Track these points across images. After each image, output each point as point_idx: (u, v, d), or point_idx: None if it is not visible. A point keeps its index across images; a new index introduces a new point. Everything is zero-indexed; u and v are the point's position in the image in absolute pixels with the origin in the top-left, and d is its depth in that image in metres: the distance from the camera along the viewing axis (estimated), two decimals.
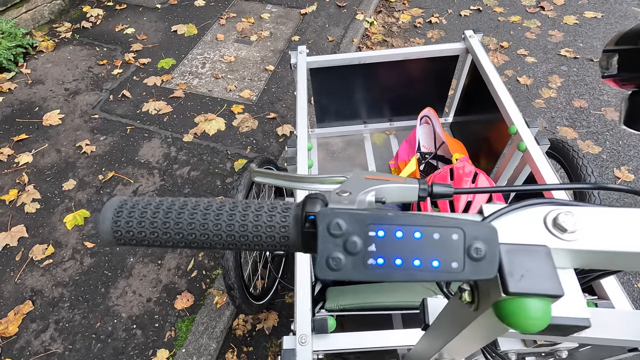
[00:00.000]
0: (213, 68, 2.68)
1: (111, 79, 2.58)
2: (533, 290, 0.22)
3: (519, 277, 0.23)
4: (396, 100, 1.75)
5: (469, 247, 0.23)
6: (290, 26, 3.03)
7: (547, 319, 0.23)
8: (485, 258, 0.23)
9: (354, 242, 0.23)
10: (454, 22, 3.07)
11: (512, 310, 0.23)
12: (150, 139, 2.23)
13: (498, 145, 1.35)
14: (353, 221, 0.24)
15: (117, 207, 0.29)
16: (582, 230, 0.25)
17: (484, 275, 0.23)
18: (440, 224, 0.23)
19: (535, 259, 0.23)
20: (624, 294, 0.80)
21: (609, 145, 2.12)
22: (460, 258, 0.23)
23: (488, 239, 0.23)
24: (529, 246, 0.24)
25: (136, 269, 1.72)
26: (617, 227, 0.25)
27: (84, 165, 2.11)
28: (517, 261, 0.23)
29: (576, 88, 2.45)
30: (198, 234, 0.28)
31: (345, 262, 0.24)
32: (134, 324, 1.57)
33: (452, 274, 0.23)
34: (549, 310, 0.23)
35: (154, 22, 3.02)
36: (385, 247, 0.23)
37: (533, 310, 0.22)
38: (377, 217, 0.24)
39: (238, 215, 0.28)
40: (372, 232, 0.24)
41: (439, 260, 0.23)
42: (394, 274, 0.24)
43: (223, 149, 2.18)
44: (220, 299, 1.61)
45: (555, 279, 0.22)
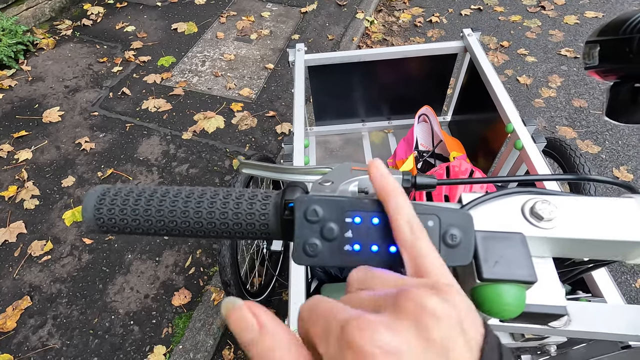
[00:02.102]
0: (213, 66, 2.68)
1: (111, 77, 2.59)
2: (507, 276, 0.22)
3: (494, 263, 0.23)
4: (394, 98, 1.75)
5: (444, 234, 0.23)
6: (291, 25, 3.03)
7: (522, 305, 0.23)
8: (461, 245, 0.23)
9: (331, 228, 0.24)
10: (455, 21, 3.07)
11: (487, 296, 0.23)
12: (150, 136, 2.24)
13: (495, 143, 1.35)
14: (330, 207, 0.24)
15: (99, 195, 0.29)
16: (559, 218, 0.25)
17: (459, 262, 0.23)
18: (416, 211, 0.23)
19: (510, 246, 0.23)
20: (618, 292, 0.80)
21: (608, 145, 2.12)
22: (436, 244, 0.23)
23: (463, 226, 0.23)
24: (504, 233, 0.24)
25: (134, 265, 1.73)
26: (594, 215, 0.25)
27: (83, 162, 2.12)
28: (492, 248, 0.23)
29: (576, 88, 2.44)
30: (179, 221, 0.28)
31: (322, 248, 0.24)
32: (132, 320, 1.58)
33: None
34: (523, 297, 0.23)
35: (154, 20, 3.03)
36: (362, 234, 0.24)
37: (507, 296, 0.22)
38: (354, 203, 0.24)
39: (219, 203, 0.28)
40: (349, 218, 0.24)
41: None
42: (370, 260, 0.24)
43: (222, 146, 2.19)
44: (217, 295, 1.61)
45: (530, 265, 0.22)
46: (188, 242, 1.80)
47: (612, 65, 0.28)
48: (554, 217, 0.24)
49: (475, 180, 0.35)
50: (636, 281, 1.65)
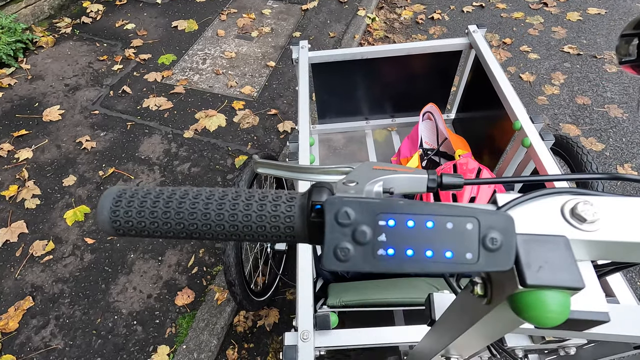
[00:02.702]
0: (214, 64, 2.67)
1: (111, 75, 2.57)
2: (552, 283, 0.21)
3: (537, 268, 0.22)
4: (398, 96, 1.73)
5: (484, 237, 0.22)
6: (292, 22, 3.01)
7: (566, 313, 0.22)
8: (502, 249, 0.22)
9: (363, 231, 0.22)
10: (456, 18, 3.05)
11: (530, 303, 0.22)
12: (151, 135, 2.22)
13: (501, 141, 1.34)
14: (362, 210, 0.23)
15: (115, 197, 0.28)
16: (602, 220, 0.24)
17: (500, 267, 0.22)
18: (453, 213, 0.22)
19: (553, 250, 0.22)
20: (630, 291, 0.79)
21: (612, 142, 2.11)
22: (475, 249, 0.22)
23: (504, 229, 0.22)
24: (547, 236, 0.23)
25: (136, 265, 1.72)
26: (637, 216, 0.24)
27: (84, 161, 2.10)
28: (534, 252, 0.22)
29: (579, 85, 2.43)
30: (200, 224, 0.27)
31: (354, 253, 0.23)
32: (135, 320, 1.57)
33: (466, 265, 0.22)
34: (568, 304, 0.22)
35: (155, 18, 3.00)
36: (396, 237, 0.22)
37: (552, 304, 0.21)
38: (387, 205, 0.23)
39: (241, 204, 0.27)
40: (382, 221, 0.23)
41: (452, 251, 0.22)
42: (405, 265, 0.22)
43: (224, 145, 2.17)
44: (221, 295, 1.60)
45: (576, 270, 0.21)
46: (191, 242, 1.79)
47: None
48: (598, 219, 0.23)
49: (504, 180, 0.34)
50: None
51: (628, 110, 2.26)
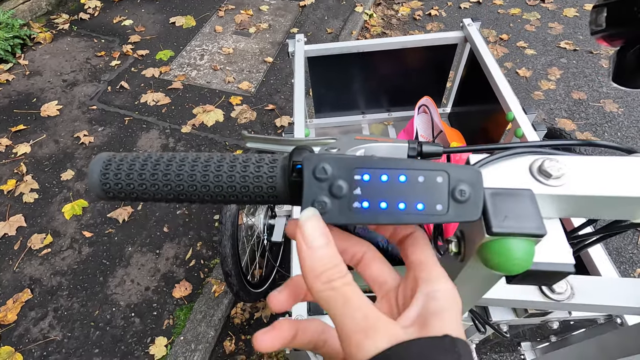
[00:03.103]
0: (211, 60, 2.67)
1: (109, 71, 2.57)
2: (516, 230, 0.22)
3: (503, 217, 0.23)
4: (394, 90, 1.74)
5: (453, 190, 0.23)
6: (289, 18, 3.02)
7: (530, 259, 0.23)
8: (470, 200, 0.23)
9: (340, 185, 0.24)
10: (454, 14, 3.06)
11: (496, 250, 0.23)
12: (149, 130, 2.23)
13: (495, 133, 1.35)
14: (339, 165, 0.24)
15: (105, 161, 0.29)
16: (568, 176, 0.25)
17: (469, 217, 0.23)
18: (425, 168, 0.23)
19: (519, 202, 0.23)
20: (613, 265, 0.80)
21: (607, 136, 2.12)
22: (445, 200, 0.23)
23: (472, 182, 0.23)
24: (513, 189, 0.24)
25: (134, 258, 1.73)
26: (603, 173, 0.25)
27: (82, 155, 2.11)
28: (501, 204, 0.23)
29: (575, 80, 2.44)
30: (186, 185, 0.28)
31: (331, 206, 0.24)
32: (133, 312, 1.58)
33: (437, 216, 0.23)
34: (532, 251, 0.23)
35: (152, 14, 3.01)
36: (371, 191, 0.23)
37: (516, 250, 0.23)
38: (362, 161, 0.24)
39: (226, 166, 0.28)
40: (358, 175, 0.24)
41: (424, 203, 0.23)
42: (379, 217, 0.24)
43: (221, 140, 2.18)
44: (218, 287, 1.62)
45: (539, 219, 0.22)
46: (188, 235, 1.80)
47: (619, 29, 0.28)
48: (563, 175, 0.24)
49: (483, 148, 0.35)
50: (635, 270, 1.66)
51: (623, 105, 2.27)
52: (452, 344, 0.20)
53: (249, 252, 1.55)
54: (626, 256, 1.70)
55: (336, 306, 0.21)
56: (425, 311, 0.22)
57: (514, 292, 0.42)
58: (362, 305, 0.21)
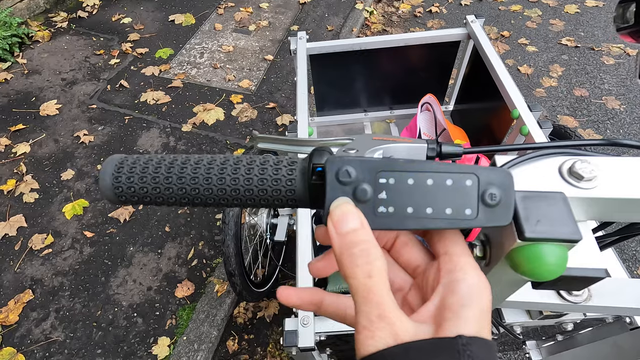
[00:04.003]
0: (211, 58, 2.65)
1: (108, 69, 2.55)
2: (550, 235, 0.21)
3: (535, 222, 0.22)
4: (397, 87, 1.73)
5: (483, 193, 0.22)
6: (289, 16, 3.00)
7: (564, 265, 0.22)
8: (500, 204, 0.22)
9: (364, 189, 0.23)
10: (455, 11, 3.05)
11: (528, 256, 0.22)
12: (149, 128, 2.21)
13: (500, 130, 1.34)
14: (363, 168, 0.23)
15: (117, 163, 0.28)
16: (599, 178, 0.24)
17: (499, 222, 0.22)
18: (453, 170, 0.22)
19: (551, 206, 0.22)
20: (623, 268, 0.80)
21: (609, 133, 2.12)
22: (474, 204, 0.22)
23: (503, 184, 0.22)
24: (545, 193, 0.23)
25: (136, 258, 1.72)
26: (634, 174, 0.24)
27: (82, 155, 2.09)
28: (532, 207, 0.22)
29: (577, 77, 2.43)
30: (202, 188, 0.27)
31: None
32: (135, 312, 1.57)
33: (466, 220, 0.22)
34: (565, 256, 0.22)
35: (151, 12, 2.99)
36: (396, 195, 0.23)
37: (549, 256, 0.22)
38: (387, 164, 0.23)
39: (243, 169, 0.27)
40: (383, 179, 0.23)
41: (452, 208, 0.22)
42: (406, 222, 0.23)
43: (222, 138, 2.17)
44: (220, 287, 1.61)
45: (573, 223, 0.22)
46: (190, 235, 1.79)
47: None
48: (595, 177, 0.24)
49: (506, 148, 0.35)
50: (638, 268, 1.66)
51: (625, 102, 2.26)
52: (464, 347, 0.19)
53: (251, 252, 1.54)
54: (629, 253, 1.70)
55: (357, 298, 0.21)
56: (443, 306, 0.21)
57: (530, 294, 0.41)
58: (380, 301, 0.20)
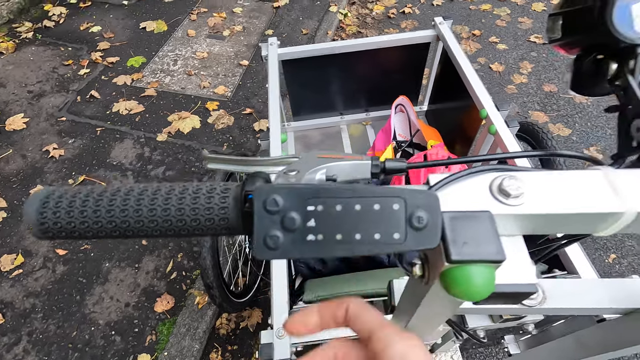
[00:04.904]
0: (185, 65, 2.61)
1: (78, 80, 2.48)
2: (475, 257, 0.21)
3: (462, 244, 0.22)
4: (371, 90, 1.75)
5: (410, 217, 0.22)
6: (264, 20, 2.98)
7: (491, 286, 0.22)
8: (427, 227, 0.22)
9: (292, 218, 0.22)
10: (427, 11, 3.10)
11: (456, 278, 0.22)
12: (122, 139, 2.16)
13: (471, 130, 1.37)
14: (291, 196, 0.23)
15: (42, 199, 0.27)
16: (527, 194, 0.24)
17: (427, 245, 0.22)
18: (380, 194, 0.22)
19: (478, 226, 0.22)
20: (592, 267, 0.82)
21: (578, 127, 2.19)
22: (402, 228, 0.22)
23: (430, 207, 0.22)
24: (472, 212, 0.23)
25: (112, 273, 1.67)
26: (561, 189, 0.24)
27: (53, 170, 2.02)
28: (460, 228, 0.22)
29: (546, 73, 2.51)
30: (132, 221, 0.26)
31: (284, 240, 0.22)
32: (113, 330, 1.53)
33: (394, 245, 0.22)
34: (492, 277, 0.22)
35: (121, 19, 2.92)
36: (325, 222, 0.22)
37: (476, 277, 0.22)
38: (316, 190, 0.23)
39: (174, 199, 0.26)
40: (311, 206, 0.22)
41: (380, 232, 0.22)
42: (335, 249, 0.22)
43: (199, 146, 2.14)
44: (201, 299, 1.58)
45: (497, 243, 0.22)
46: (168, 247, 1.75)
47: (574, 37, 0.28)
48: (522, 193, 0.24)
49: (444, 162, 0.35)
50: (609, 256, 1.72)
51: None
52: None
53: (231, 261, 1.52)
54: (600, 243, 1.76)
55: None
56: None
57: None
58: None
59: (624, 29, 0.26)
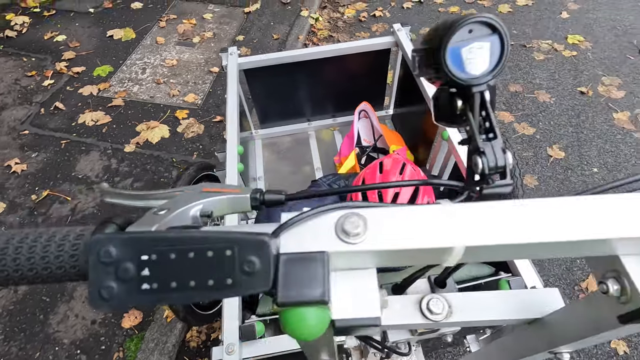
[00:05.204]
0: (154, 73, 2.58)
1: (42, 91, 2.42)
2: (300, 299, 0.22)
3: (290, 287, 0.22)
4: (337, 96, 1.76)
5: (242, 262, 0.22)
6: (234, 26, 2.97)
7: (323, 325, 0.23)
8: (258, 271, 0.22)
9: (126, 268, 0.22)
10: (397, 14, 3.14)
11: (286, 319, 0.23)
12: (88, 152, 2.11)
13: (430, 135, 1.39)
14: (125, 246, 0.23)
15: None
16: (370, 231, 0.25)
17: (259, 289, 0.22)
18: (214, 241, 0.23)
19: (311, 267, 0.23)
20: (534, 270, 0.85)
21: (542, 126, 2.25)
22: (235, 274, 0.22)
23: (261, 252, 0.22)
24: (308, 254, 0.24)
25: (78, 291, 1.63)
26: (403, 225, 0.25)
27: (14, 185, 1.96)
28: (293, 271, 0.23)
29: (512, 73, 2.57)
30: None
31: (118, 290, 0.23)
32: (78, 349, 1.49)
33: (228, 290, 0.22)
34: (324, 316, 0.23)
35: (87, 28, 2.86)
36: (159, 270, 0.23)
37: (306, 319, 0.22)
38: (151, 239, 0.23)
39: (25, 247, 0.26)
40: (145, 256, 0.23)
41: (214, 279, 0.22)
42: (170, 297, 0.23)
43: (168, 156, 2.11)
44: (170, 312, 1.56)
45: (324, 284, 0.22)
46: None
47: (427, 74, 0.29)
48: (362, 232, 0.25)
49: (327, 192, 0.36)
50: None
51: (555, 94, 2.42)
52: None
53: None
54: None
55: None
56: None
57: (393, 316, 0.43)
58: None
59: (456, 70, 0.27)
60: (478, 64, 0.27)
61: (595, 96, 2.38)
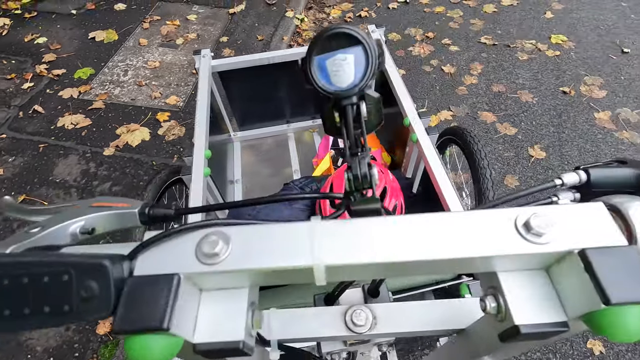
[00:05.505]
0: (136, 75, 2.55)
1: (20, 94, 2.39)
2: (136, 327, 0.21)
3: (130, 312, 0.21)
4: (316, 97, 1.74)
5: (79, 288, 0.21)
6: (219, 27, 2.95)
7: (170, 352, 0.22)
8: (98, 297, 0.21)
9: None
10: (383, 14, 3.13)
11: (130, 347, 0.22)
12: (67, 155, 2.09)
13: (404, 137, 1.38)
14: None
15: None
16: (232, 250, 0.24)
17: (98, 315, 0.21)
18: (50, 266, 0.21)
19: (156, 291, 0.22)
20: None
21: (523, 126, 2.25)
22: (72, 299, 0.21)
23: (99, 277, 0.21)
24: (158, 277, 0.22)
25: None
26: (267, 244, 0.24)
27: None
28: (139, 295, 0.22)
29: (495, 73, 2.57)
30: None
31: None
32: (51, 356, 1.47)
33: (66, 317, 0.21)
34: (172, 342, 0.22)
35: (69, 30, 2.83)
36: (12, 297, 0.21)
37: (150, 347, 0.21)
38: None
39: None
40: None
41: (50, 305, 0.21)
42: (4, 325, 0.22)
43: (148, 160, 2.09)
44: None
45: (165, 311, 0.21)
46: None
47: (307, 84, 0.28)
48: (222, 252, 0.24)
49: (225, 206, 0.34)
50: None
51: (537, 94, 2.42)
52: None
53: None
54: None
55: None
56: None
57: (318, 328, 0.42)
58: None
59: (323, 82, 0.26)
60: (343, 76, 0.26)
61: (577, 96, 2.38)
